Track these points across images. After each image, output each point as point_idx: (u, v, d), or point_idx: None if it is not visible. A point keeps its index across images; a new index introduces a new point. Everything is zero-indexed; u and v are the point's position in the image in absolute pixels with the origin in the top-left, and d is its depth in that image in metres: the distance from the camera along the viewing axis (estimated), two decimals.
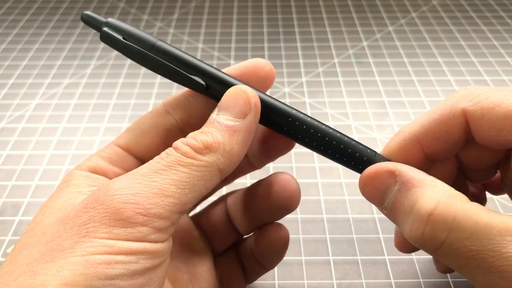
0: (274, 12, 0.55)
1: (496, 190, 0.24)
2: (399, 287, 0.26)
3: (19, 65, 0.46)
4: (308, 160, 0.34)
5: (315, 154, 0.35)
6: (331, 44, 0.48)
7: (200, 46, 0.48)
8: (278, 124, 0.19)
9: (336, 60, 0.46)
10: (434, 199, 0.16)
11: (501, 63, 0.45)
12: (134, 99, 0.41)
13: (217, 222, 0.23)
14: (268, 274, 0.26)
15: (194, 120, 0.21)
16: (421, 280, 0.26)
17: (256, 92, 0.19)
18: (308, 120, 0.19)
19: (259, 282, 0.26)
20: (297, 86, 0.42)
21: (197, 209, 0.27)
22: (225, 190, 0.31)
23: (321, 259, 0.28)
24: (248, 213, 0.22)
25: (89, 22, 0.20)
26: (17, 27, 0.52)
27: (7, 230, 0.30)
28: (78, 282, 0.14)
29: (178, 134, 0.21)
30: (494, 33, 0.50)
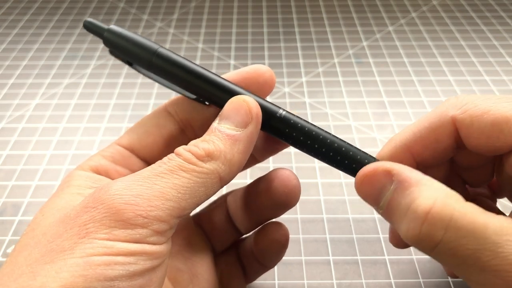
0: (274, 12, 0.55)
1: (496, 193, 0.24)
2: (399, 287, 0.26)
3: (19, 65, 0.46)
4: (308, 160, 0.34)
5: None
6: (331, 44, 0.48)
7: (200, 46, 0.48)
8: (278, 130, 0.20)
9: (336, 60, 0.46)
10: (431, 198, 0.16)
11: (501, 63, 0.45)
12: (134, 99, 0.41)
13: (217, 221, 0.24)
14: (268, 274, 0.26)
15: (195, 122, 0.21)
16: (421, 280, 0.26)
17: (256, 101, 0.19)
18: (308, 126, 0.19)
19: (259, 282, 0.26)
20: (297, 86, 0.42)
21: (197, 209, 0.27)
22: (225, 190, 0.31)
23: (321, 259, 0.28)
24: (248, 210, 0.22)
25: (91, 29, 0.20)
26: (17, 27, 0.52)
27: (7, 230, 0.30)
28: (77, 283, 0.14)
29: (179, 135, 0.21)
30: (494, 33, 0.50)
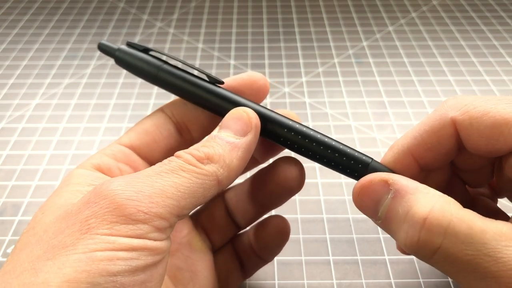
0: (274, 12, 0.54)
1: (497, 193, 0.24)
2: (399, 287, 0.26)
3: (19, 65, 0.46)
4: (308, 160, 0.34)
5: None
6: (331, 44, 0.48)
7: (200, 46, 0.48)
8: (275, 134, 0.20)
9: (336, 60, 0.46)
10: (428, 205, 0.16)
11: (501, 63, 0.45)
12: (134, 99, 0.41)
13: (216, 217, 0.24)
14: (268, 274, 0.27)
15: (191, 124, 0.22)
16: (421, 280, 0.26)
17: (255, 110, 0.20)
18: (304, 129, 0.20)
19: (259, 282, 0.26)
20: (297, 86, 0.42)
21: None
22: None
23: (321, 259, 0.28)
24: (253, 201, 0.23)
25: (104, 50, 0.22)
26: (17, 27, 0.52)
27: (7, 230, 0.30)
28: (81, 279, 0.14)
29: (178, 135, 0.22)
30: (494, 33, 0.50)
